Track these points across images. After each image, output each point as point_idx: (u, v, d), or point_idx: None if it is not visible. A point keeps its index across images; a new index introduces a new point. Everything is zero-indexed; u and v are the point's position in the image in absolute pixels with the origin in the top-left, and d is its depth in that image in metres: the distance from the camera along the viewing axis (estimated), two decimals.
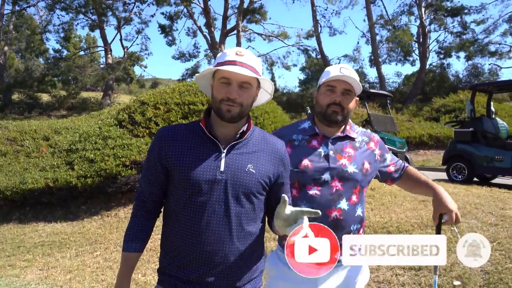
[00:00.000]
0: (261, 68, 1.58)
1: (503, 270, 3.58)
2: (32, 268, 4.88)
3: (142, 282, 4.20)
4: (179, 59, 31.83)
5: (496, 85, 9.73)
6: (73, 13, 28.74)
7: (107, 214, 6.66)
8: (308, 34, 31.44)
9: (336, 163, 1.80)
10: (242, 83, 1.50)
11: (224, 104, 1.49)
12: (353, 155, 1.85)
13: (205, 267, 1.49)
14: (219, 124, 1.56)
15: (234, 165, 1.52)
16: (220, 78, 1.51)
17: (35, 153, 8.47)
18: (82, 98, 29.70)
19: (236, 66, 1.48)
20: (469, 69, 28.81)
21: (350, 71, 1.81)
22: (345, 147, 1.86)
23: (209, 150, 1.53)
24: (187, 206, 1.51)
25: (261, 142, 1.62)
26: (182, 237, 1.51)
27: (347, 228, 1.78)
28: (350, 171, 1.80)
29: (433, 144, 16.39)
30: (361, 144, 1.91)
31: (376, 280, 3.77)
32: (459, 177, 9.08)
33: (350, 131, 1.91)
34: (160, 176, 1.57)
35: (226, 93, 1.49)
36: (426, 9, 27.96)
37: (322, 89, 1.86)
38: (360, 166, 1.84)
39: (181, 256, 1.52)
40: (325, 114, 1.83)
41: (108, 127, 7.47)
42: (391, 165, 2.01)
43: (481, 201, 5.71)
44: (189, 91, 7.47)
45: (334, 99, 1.81)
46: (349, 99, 1.84)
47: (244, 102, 1.51)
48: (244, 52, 1.54)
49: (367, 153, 1.90)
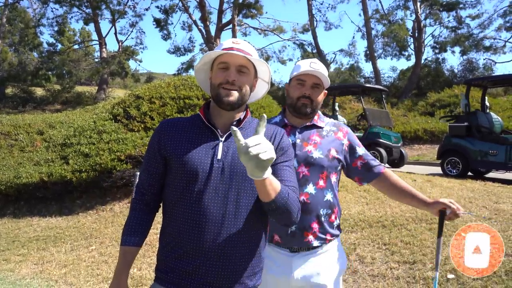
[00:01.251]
0: (257, 56, 1.60)
1: None
2: (27, 262, 4.87)
3: (138, 276, 4.20)
4: (174, 53, 31.65)
5: (490, 80, 9.76)
6: (67, 6, 28.47)
7: (102, 208, 6.65)
8: (304, 29, 31.37)
9: (302, 150, 1.91)
10: (240, 67, 1.53)
11: (223, 88, 1.52)
12: (319, 142, 1.94)
13: (203, 257, 1.46)
14: (217, 114, 1.58)
15: (231, 152, 1.51)
16: (219, 64, 1.54)
17: (30, 148, 8.43)
18: (77, 92, 29.50)
19: (233, 51, 1.51)
20: (464, 64, 28.87)
21: (319, 66, 1.92)
22: (312, 135, 1.96)
23: (207, 138, 1.54)
24: (184, 195, 1.49)
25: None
26: (179, 227, 1.49)
27: (315, 212, 1.86)
28: (316, 156, 1.89)
29: (428, 138, 16.44)
30: (328, 132, 1.99)
31: (371, 274, 3.79)
32: (453, 171, 9.13)
33: (318, 120, 2.01)
34: (159, 167, 1.58)
35: (225, 76, 1.51)
36: (422, 4, 27.95)
37: (293, 83, 1.98)
38: (326, 152, 1.92)
39: (178, 247, 1.49)
40: (295, 106, 1.95)
41: (103, 122, 7.44)
42: (359, 160, 2.01)
43: (475, 195, 5.75)
44: (185, 85, 7.45)
45: (304, 92, 1.93)
46: (318, 92, 1.95)
47: (242, 86, 1.53)
48: (241, 41, 1.59)
49: (334, 142, 1.97)
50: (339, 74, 33.85)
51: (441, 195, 5.76)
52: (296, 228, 1.84)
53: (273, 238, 1.90)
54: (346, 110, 21.58)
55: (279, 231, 1.87)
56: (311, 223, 1.86)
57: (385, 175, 2.02)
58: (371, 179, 2.03)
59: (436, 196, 5.66)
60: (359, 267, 3.94)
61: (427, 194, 5.82)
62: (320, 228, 1.88)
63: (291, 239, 1.87)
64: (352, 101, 22.79)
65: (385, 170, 2.05)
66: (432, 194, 5.82)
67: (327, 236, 1.90)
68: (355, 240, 4.45)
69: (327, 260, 1.91)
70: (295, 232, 1.85)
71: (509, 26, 27.78)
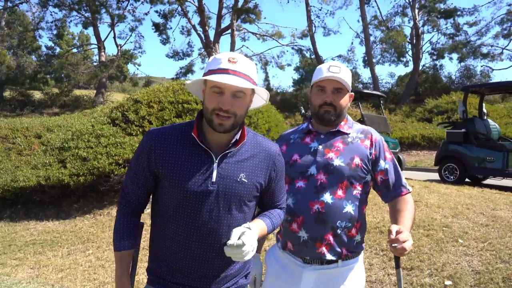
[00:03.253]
0: (256, 75, 1.51)
1: (494, 270, 3.61)
2: (23, 266, 4.84)
3: (135, 281, 4.18)
4: (173, 57, 31.77)
5: (488, 87, 9.81)
6: (66, 10, 28.56)
7: (100, 212, 6.63)
8: (303, 34, 31.55)
9: (323, 157, 1.81)
10: (236, 92, 1.42)
11: (216, 115, 1.42)
12: (341, 150, 1.82)
13: (194, 273, 1.50)
14: (211, 132, 1.49)
15: (226, 175, 1.48)
16: (212, 87, 1.42)
17: (27, 151, 8.40)
18: (75, 96, 29.50)
19: (229, 75, 1.40)
20: (462, 71, 29.10)
21: (339, 69, 1.80)
22: (336, 141, 1.85)
23: (201, 159, 1.48)
24: (178, 212, 1.49)
25: (254, 147, 1.57)
26: (171, 244, 1.51)
27: (331, 223, 1.74)
28: (336, 164, 1.78)
29: (425, 144, 16.49)
30: (354, 139, 1.86)
31: (368, 280, 3.79)
32: (451, 177, 9.15)
33: (345, 126, 1.89)
34: (149, 181, 1.55)
35: (219, 103, 1.41)
36: (420, 11, 28.14)
37: (314, 89, 1.88)
38: (348, 160, 1.79)
39: (170, 262, 1.52)
40: (318, 114, 1.85)
41: (101, 125, 7.43)
42: (379, 175, 1.84)
43: (472, 201, 5.76)
44: (183, 89, 7.46)
45: (325, 99, 1.82)
46: (340, 97, 1.83)
47: (237, 112, 1.44)
48: (238, 58, 1.45)
49: (359, 150, 1.83)
50: None
51: (439, 201, 5.77)
52: (308, 238, 1.75)
53: (287, 245, 1.85)
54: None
55: (292, 239, 1.80)
56: (324, 234, 1.74)
57: (404, 201, 1.80)
58: (390, 199, 1.85)
59: (434, 203, 5.67)
60: None
61: (425, 200, 5.82)
62: (335, 241, 1.75)
63: (303, 249, 1.78)
64: (350, 106, 22.77)
65: (406, 195, 1.83)
66: (430, 200, 5.83)
67: (343, 250, 1.77)
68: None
69: (342, 278, 1.78)
70: (306, 242, 1.76)
71: (506, 34, 28.03)
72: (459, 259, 3.92)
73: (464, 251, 4.08)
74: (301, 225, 1.75)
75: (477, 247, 4.12)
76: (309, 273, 1.76)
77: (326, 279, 1.76)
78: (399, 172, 1.87)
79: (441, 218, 5.03)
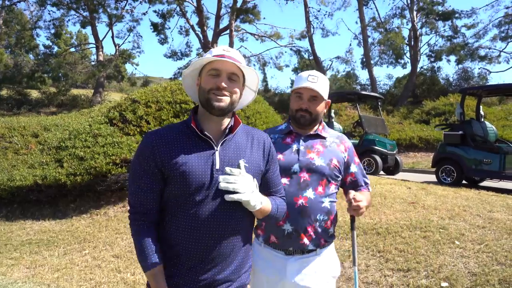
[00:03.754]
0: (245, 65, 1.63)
1: (490, 272, 3.62)
2: (19, 266, 4.83)
3: (131, 281, 4.18)
4: (171, 57, 31.71)
5: (485, 89, 9.82)
6: (64, 9, 28.42)
7: (97, 212, 6.62)
8: (301, 35, 31.57)
9: (305, 156, 2.01)
10: (231, 75, 1.55)
11: (213, 94, 1.53)
12: (321, 151, 2.04)
13: (202, 264, 1.52)
14: (207, 120, 1.59)
15: (228, 161, 1.55)
16: (210, 70, 1.55)
17: (24, 150, 8.37)
18: (72, 95, 29.41)
19: (225, 58, 1.53)
20: (459, 73, 29.15)
21: (317, 78, 2.00)
22: (315, 144, 2.06)
23: (203, 149, 1.54)
24: (185, 206, 1.50)
25: (247, 136, 1.67)
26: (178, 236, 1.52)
27: (313, 216, 1.95)
28: (318, 164, 1.99)
29: (423, 146, 16.52)
30: (331, 143, 2.10)
31: (365, 281, 3.79)
32: (448, 179, 9.17)
33: (322, 131, 2.11)
34: (160, 182, 1.53)
35: (216, 82, 1.52)
36: (418, 13, 28.21)
37: (293, 95, 2.07)
38: (328, 161, 2.02)
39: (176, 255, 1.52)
40: (295, 117, 2.05)
41: (99, 125, 7.42)
42: (349, 176, 2.13)
43: (469, 203, 5.77)
44: (181, 89, 7.45)
45: (301, 105, 2.02)
46: (316, 104, 2.02)
47: (233, 92, 1.56)
48: (231, 49, 1.61)
49: (336, 153, 2.07)
50: (336, 81, 34.03)
51: (436, 203, 5.78)
52: (292, 230, 1.93)
53: (269, 239, 1.99)
54: (342, 117, 21.66)
55: (276, 232, 1.96)
56: (307, 226, 1.94)
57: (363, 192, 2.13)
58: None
59: (430, 204, 5.68)
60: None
61: (422, 202, 5.83)
62: (315, 232, 1.96)
63: (287, 241, 1.95)
64: (348, 108, 22.88)
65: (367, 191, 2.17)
66: (427, 202, 5.84)
67: (321, 240, 1.99)
68: (349, 247, 4.44)
69: (321, 264, 1.99)
70: (291, 234, 1.93)
71: (504, 36, 28.11)
72: (456, 261, 3.92)
73: (461, 253, 4.09)
74: (286, 219, 1.92)
75: (473, 249, 4.13)
76: (292, 264, 1.95)
77: (308, 266, 1.97)
78: (365, 174, 2.21)
79: (438, 219, 5.04)
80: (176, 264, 1.53)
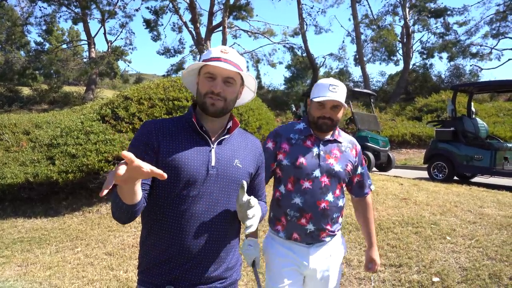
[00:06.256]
0: (245, 66, 1.63)
1: (480, 267, 3.66)
2: (10, 264, 4.80)
3: (124, 278, 4.17)
4: (164, 54, 31.60)
5: (476, 86, 9.89)
6: (56, 5, 28.19)
7: (89, 210, 6.58)
8: (294, 32, 31.58)
9: (325, 162, 2.10)
10: (227, 79, 1.54)
11: (209, 97, 1.54)
12: (339, 157, 2.15)
13: (193, 261, 1.50)
14: (206, 119, 1.60)
15: (223, 159, 1.57)
16: (205, 73, 1.55)
17: (15, 148, 8.30)
18: (64, 93, 29.16)
19: (221, 62, 1.52)
20: (451, 70, 29.32)
21: (338, 88, 2.06)
22: (333, 149, 2.16)
23: (199, 144, 1.56)
24: (178, 200, 1.49)
25: (242, 139, 1.70)
26: (169, 232, 1.50)
27: (331, 216, 2.11)
28: (337, 169, 2.10)
29: (415, 143, 16.62)
30: (346, 148, 2.20)
31: (357, 277, 3.81)
32: (439, 175, 9.24)
33: (338, 136, 2.21)
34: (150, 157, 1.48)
35: (211, 87, 1.53)
36: (410, 10, 28.35)
37: (314, 104, 2.10)
38: (344, 166, 2.14)
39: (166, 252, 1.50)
40: (317, 124, 2.11)
41: (91, 122, 7.36)
42: (356, 177, 2.28)
43: (460, 199, 5.82)
44: (174, 86, 7.42)
45: (324, 114, 2.08)
46: (337, 112, 2.09)
47: (228, 96, 1.56)
48: (229, 50, 1.59)
49: (350, 158, 2.19)
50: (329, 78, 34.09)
51: (427, 199, 5.82)
52: (314, 229, 2.08)
53: (292, 236, 2.11)
54: None
55: (299, 231, 2.09)
56: (326, 225, 2.10)
57: (367, 200, 2.34)
58: (358, 196, 2.33)
59: (422, 200, 5.72)
60: (346, 270, 3.96)
61: (414, 198, 5.88)
62: (331, 228, 2.14)
63: (309, 237, 2.10)
64: None
65: (369, 194, 2.36)
66: (419, 198, 5.88)
67: (335, 232, 2.19)
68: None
69: (334, 248, 2.19)
70: (313, 232, 2.09)
71: (495, 34, 28.33)
72: (447, 256, 3.96)
73: (452, 248, 4.13)
74: (309, 220, 2.07)
75: (464, 244, 4.17)
76: (314, 249, 2.13)
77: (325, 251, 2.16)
78: (368, 175, 2.36)
79: (429, 215, 5.08)
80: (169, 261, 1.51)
